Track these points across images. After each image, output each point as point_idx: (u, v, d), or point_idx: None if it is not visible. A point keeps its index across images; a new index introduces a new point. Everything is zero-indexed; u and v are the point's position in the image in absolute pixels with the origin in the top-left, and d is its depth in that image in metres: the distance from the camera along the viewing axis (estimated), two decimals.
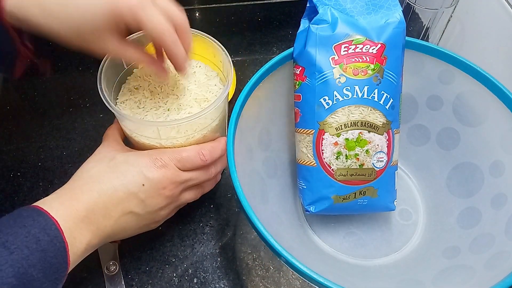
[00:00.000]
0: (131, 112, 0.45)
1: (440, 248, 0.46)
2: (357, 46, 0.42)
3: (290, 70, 0.47)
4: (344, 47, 0.42)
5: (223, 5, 0.77)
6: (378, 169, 0.44)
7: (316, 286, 0.34)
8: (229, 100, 0.60)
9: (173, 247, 0.49)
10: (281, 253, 0.34)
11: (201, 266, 0.48)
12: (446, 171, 0.50)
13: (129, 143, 0.47)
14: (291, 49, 0.46)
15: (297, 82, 0.45)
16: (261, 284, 0.47)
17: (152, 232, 0.45)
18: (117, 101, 0.47)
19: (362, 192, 0.45)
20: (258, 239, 0.36)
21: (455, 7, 0.58)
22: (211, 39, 0.46)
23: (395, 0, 0.44)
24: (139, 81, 0.48)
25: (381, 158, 0.44)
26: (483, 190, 0.46)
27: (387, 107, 0.44)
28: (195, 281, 0.47)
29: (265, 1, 0.78)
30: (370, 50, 0.42)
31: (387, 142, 0.45)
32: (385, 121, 0.44)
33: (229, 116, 0.42)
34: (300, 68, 0.44)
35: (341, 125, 0.43)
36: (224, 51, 0.45)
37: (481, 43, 0.58)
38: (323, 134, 0.43)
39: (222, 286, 0.47)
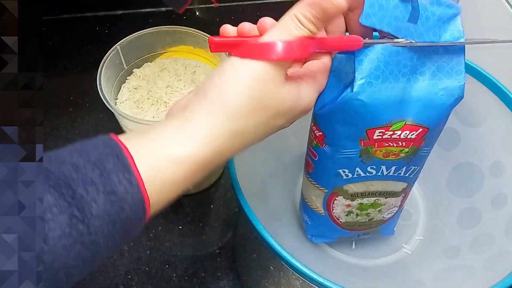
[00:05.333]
0: (130, 112, 0.45)
1: (440, 248, 0.46)
2: (395, 132, 0.33)
3: None
4: (379, 133, 0.33)
5: (223, 5, 0.77)
6: (387, 218, 0.44)
7: (316, 286, 0.34)
8: None
9: (173, 247, 0.49)
10: (281, 253, 0.34)
11: (201, 266, 0.48)
12: (446, 171, 0.50)
13: None
14: None
15: (315, 143, 0.37)
16: (261, 284, 0.47)
17: (152, 232, 0.45)
18: (117, 101, 0.47)
19: (366, 233, 0.45)
20: (258, 239, 0.36)
21: None
22: None
23: (460, 65, 0.32)
24: (139, 81, 0.48)
25: (392, 211, 0.43)
26: (483, 190, 0.46)
27: (411, 176, 0.39)
28: (195, 281, 0.47)
29: (265, 1, 0.78)
30: (409, 136, 0.34)
31: (402, 199, 0.42)
32: (405, 187, 0.40)
33: None
34: (320, 132, 0.36)
35: (357, 193, 0.39)
36: None
37: None
38: (336, 196, 0.40)
39: (222, 286, 0.47)
